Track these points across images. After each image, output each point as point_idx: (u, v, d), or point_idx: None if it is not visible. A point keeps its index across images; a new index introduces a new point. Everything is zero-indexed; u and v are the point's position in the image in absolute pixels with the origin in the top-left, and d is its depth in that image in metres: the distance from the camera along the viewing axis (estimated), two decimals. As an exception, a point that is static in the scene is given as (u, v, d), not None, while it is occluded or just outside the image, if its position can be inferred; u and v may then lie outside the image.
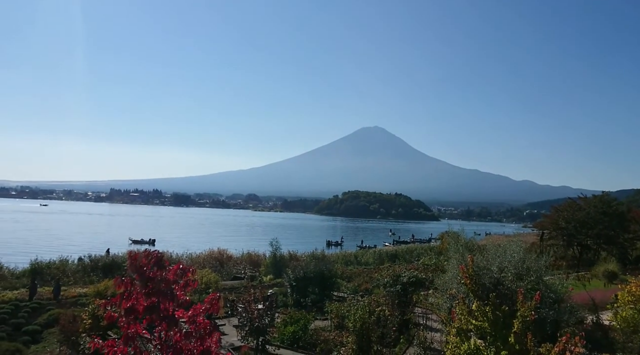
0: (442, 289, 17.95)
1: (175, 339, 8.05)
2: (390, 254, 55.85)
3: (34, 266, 33.13)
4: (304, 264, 29.46)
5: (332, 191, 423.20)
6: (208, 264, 38.74)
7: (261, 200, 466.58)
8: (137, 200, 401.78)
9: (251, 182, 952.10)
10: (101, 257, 38.20)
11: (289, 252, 43.58)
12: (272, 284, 32.99)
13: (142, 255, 8.34)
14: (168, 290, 8.16)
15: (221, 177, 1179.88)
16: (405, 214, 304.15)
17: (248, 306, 18.32)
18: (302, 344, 18.68)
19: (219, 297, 8.83)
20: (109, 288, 25.01)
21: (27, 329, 19.93)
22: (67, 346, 17.67)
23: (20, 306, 22.69)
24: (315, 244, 71.58)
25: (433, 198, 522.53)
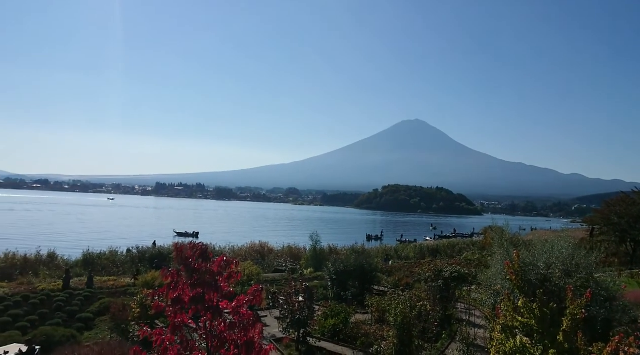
0: (486, 284, 17.55)
1: (219, 329, 8.26)
2: (432, 249, 55.05)
3: (86, 257, 34.67)
4: (344, 258, 29.43)
5: (371, 185, 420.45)
6: (250, 257, 39.38)
7: (301, 194, 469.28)
8: (182, 194, 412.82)
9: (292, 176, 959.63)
10: (148, 248, 39.53)
11: (329, 246, 43.70)
12: (312, 277, 33.19)
13: (187, 247, 8.60)
14: (212, 281, 8.37)
15: (262, 171, 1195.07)
16: (447, 208, 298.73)
17: (289, 298, 18.52)
18: (342, 337, 18.72)
19: (261, 289, 8.98)
20: (155, 279, 25.86)
21: (81, 317, 20.91)
22: (117, 333, 18.43)
23: (74, 294, 23.82)
24: (355, 237, 71.55)
25: (476, 192, 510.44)
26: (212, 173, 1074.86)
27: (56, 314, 21.03)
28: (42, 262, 32.65)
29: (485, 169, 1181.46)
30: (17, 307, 21.08)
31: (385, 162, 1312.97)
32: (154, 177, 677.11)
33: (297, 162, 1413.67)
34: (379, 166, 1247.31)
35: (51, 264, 32.68)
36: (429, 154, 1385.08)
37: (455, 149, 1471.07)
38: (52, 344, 16.52)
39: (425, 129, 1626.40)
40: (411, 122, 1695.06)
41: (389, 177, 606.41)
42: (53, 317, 20.46)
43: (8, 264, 30.81)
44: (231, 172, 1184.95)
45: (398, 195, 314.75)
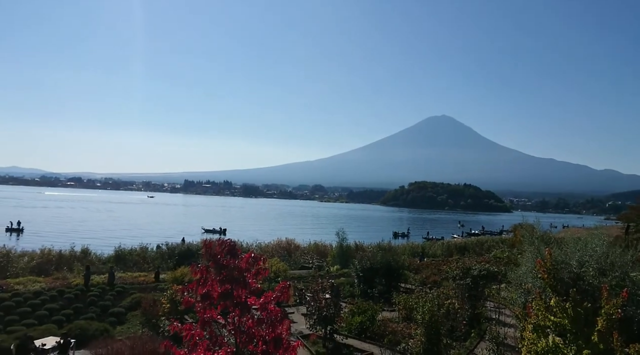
0: (516, 283, 17.19)
1: (247, 325, 8.36)
2: (459, 246, 54.32)
3: (118, 253, 35.52)
4: (371, 255, 29.33)
5: (398, 182, 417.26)
6: (276, 253, 39.65)
7: (327, 191, 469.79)
8: (209, 191, 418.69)
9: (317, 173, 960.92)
10: (177, 245, 40.22)
11: (355, 243, 43.61)
12: (338, 274, 33.20)
13: (216, 243, 8.73)
14: (241, 277, 8.48)
15: (288, 169, 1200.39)
16: (475, 205, 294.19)
17: (316, 295, 18.57)
18: (369, 334, 18.69)
19: (288, 285, 9.04)
20: (185, 274, 26.30)
21: (113, 311, 21.46)
22: (148, 328, 18.82)
23: (107, 290, 24.47)
24: (382, 235, 71.14)
25: (505, 189, 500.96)
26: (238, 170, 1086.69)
27: (90, 308, 21.64)
28: (76, 257, 33.60)
29: (514, 165, 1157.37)
30: (53, 301, 21.79)
31: (412, 158, 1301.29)
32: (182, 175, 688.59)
33: (323, 159, 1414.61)
34: (405, 163, 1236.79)
35: (85, 259, 33.58)
36: (456, 150, 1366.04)
37: (484, 144, 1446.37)
38: (86, 337, 17.01)
39: (452, 124, 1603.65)
40: (438, 118, 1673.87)
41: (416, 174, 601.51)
42: (87, 312, 21.07)
43: (44, 260, 31.83)
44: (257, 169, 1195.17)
45: (425, 192, 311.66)
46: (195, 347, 7.89)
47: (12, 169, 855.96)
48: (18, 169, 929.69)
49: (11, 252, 32.36)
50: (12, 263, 30.34)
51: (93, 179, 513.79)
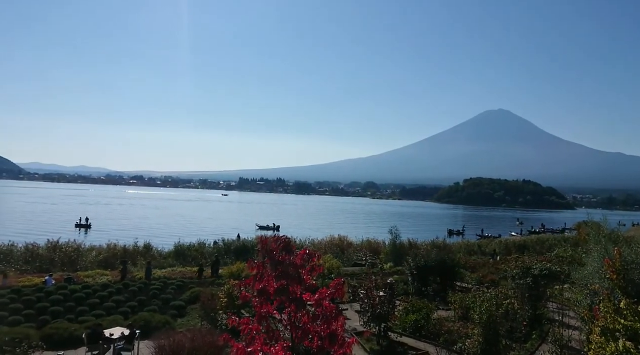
0: (581, 283, 16.38)
1: (303, 321, 8.46)
2: (518, 245, 52.40)
3: (177, 248, 36.93)
4: (425, 253, 28.87)
5: (452, 178, 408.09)
6: (329, 250, 39.80)
7: (379, 188, 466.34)
8: (263, 189, 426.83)
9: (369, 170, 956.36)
10: (233, 241, 41.31)
11: (408, 240, 43.09)
12: (392, 271, 32.91)
13: (271, 240, 8.88)
14: (296, 273, 8.59)
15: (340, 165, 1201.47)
16: (534, 202, 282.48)
17: (369, 292, 18.50)
18: (424, 333, 18.40)
19: (343, 282, 9.07)
20: (241, 270, 26.94)
21: (174, 304, 22.32)
22: (207, 321, 19.45)
23: (168, 283, 25.50)
24: (436, 232, 69.89)
25: (567, 185, 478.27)
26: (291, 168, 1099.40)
27: (152, 301, 22.61)
28: (139, 252, 35.25)
29: (578, 160, 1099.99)
30: (118, 294, 22.97)
31: (467, 154, 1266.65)
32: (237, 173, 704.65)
33: (375, 156, 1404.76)
34: (460, 158, 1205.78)
35: (147, 254, 35.18)
36: (513, 145, 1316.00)
37: (544, 139, 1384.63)
38: (149, 328, 17.81)
39: (509, 118, 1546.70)
40: (494, 111, 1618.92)
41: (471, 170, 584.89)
42: (150, 304, 22.03)
43: (110, 254, 33.63)
44: (310, 166, 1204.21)
45: (481, 188, 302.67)
46: (253, 340, 8.08)
47: (79, 168, 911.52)
48: (85, 168, 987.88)
49: (81, 247, 34.48)
50: (81, 257, 32.30)
51: (153, 177, 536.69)
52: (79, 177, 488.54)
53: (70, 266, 30.41)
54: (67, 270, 28.72)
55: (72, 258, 31.62)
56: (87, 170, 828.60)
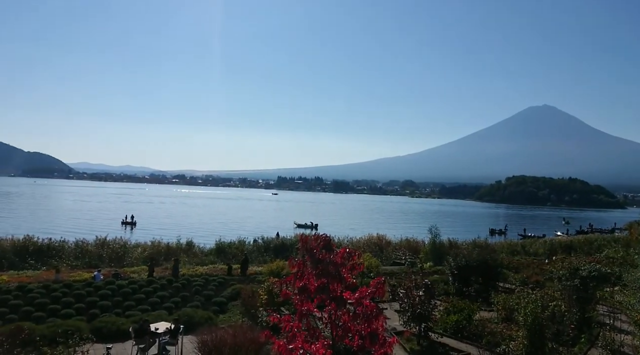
0: (634, 286, 15.66)
1: (343, 319, 8.47)
2: (564, 245, 50.55)
3: (218, 245, 37.69)
4: (466, 252, 28.34)
5: (494, 176, 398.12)
6: (368, 249, 39.63)
7: (418, 187, 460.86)
8: (301, 187, 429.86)
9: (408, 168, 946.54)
10: (272, 239, 41.79)
11: (448, 240, 42.40)
12: (432, 271, 32.46)
13: (311, 238, 8.93)
14: (336, 272, 8.61)
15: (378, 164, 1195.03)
16: (581, 200, 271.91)
17: (409, 292, 18.31)
18: (466, 334, 18.05)
19: (384, 281, 9.02)
20: (280, 268, 27.19)
21: (216, 300, 22.80)
22: (248, 318, 19.77)
23: (209, 280, 26.05)
24: (477, 231, 68.47)
25: (617, 183, 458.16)
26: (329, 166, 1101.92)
27: (195, 297, 23.17)
28: (181, 249, 36.19)
29: (629, 157, 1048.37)
30: (163, 290, 23.63)
31: (509, 151, 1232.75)
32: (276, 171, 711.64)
33: (414, 154, 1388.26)
34: (502, 156, 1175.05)
35: (189, 251, 36.09)
36: (559, 142, 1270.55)
37: (592, 135, 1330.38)
38: (192, 324, 18.27)
39: (555, 114, 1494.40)
40: (538, 108, 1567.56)
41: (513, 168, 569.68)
42: (192, 300, 22.57)
43: (154, 251, 34.67)
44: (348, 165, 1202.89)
45: (524, 187, 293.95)
46: (294, 338, 8.15)
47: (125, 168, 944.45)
48: (130, 167, 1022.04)
49: (127, 244, 35.75)
50: (127, 253, 33.47)
51: (195, 176, 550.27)
52: (124, 176, 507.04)
53: (117, 262, 31.55)
54: (115, 266, 29.81)
55: (119, 254, 32.81)
56: (132, 169, 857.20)
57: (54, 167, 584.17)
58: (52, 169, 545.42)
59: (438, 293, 24.39)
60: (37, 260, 29.63)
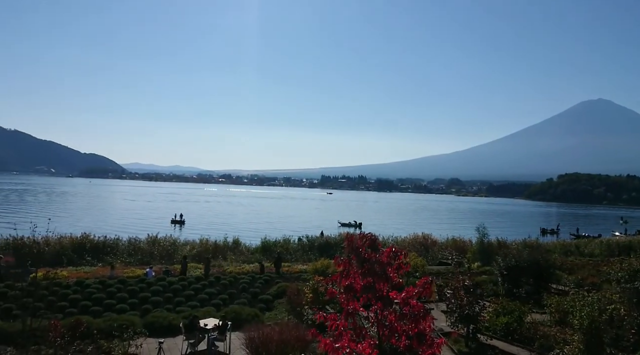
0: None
1: (389, 319, 8.38)
2: (623, 245, 47.96)
3: (264, 244, 38.23)
4: (516, 252, 27.46)
5: (544, 174, 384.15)
6: (413, 248, 39.12)
7: (464, 185, 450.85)
8: (344, 186, 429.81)
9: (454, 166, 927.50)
10: (316, 237, 41.99)
11: (497, 239, 41.23)
12: (480, 271, 31.67)
13: (357, 237, 8.89)
14: (382, 271, 8.53)
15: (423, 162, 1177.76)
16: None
17: (457, 292, 17.94)
18: (517, 336, 17.48)
19: (431, 281, 8.87)
20: (325, 266, 27.27)
21: (262, 298, 23.16)
22: (293, 315, 19.95)
23: (256, 278, 26.49)
24: (527, 231, 66.24)
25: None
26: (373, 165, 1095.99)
27: (242, 294, 23.62)
28: (228, 248, 36.96)
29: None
30: (211, 287, 24.23)
31: (561, 148, 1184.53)
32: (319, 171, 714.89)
33: (460, 152, 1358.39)
34: (553, 153, 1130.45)
35: (236, 249, 36.81)
36: (616, 138, 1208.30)
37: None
38: (240, 320, 18.61)
39: (610, 109, 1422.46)
40: (593, 102, 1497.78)
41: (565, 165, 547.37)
42: (239, 297, 23.01)
43: (202, 249, 35.58)
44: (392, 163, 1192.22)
45: (577, 184, 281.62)
46: (340, 337, 8.13)
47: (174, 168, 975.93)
48: (179, 167, 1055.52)
49: (176, 242, 36.87)
50: (177, 251, 34.52)
51: (240, 175, 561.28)
52: (173, 176, 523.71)
53: (167, 259, 32.60)
54: (165, 263, 30.82)
55: (169, 252, 33.90)
56: (180, 169, 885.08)
57: (108, 167, 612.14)
58: (106, 169, 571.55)
59: (487, 294, 23.77)
60: (94, 257, 31.03)
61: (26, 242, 28.62)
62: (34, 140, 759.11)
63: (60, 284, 22.26)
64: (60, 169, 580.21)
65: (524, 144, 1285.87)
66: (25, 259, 24.78)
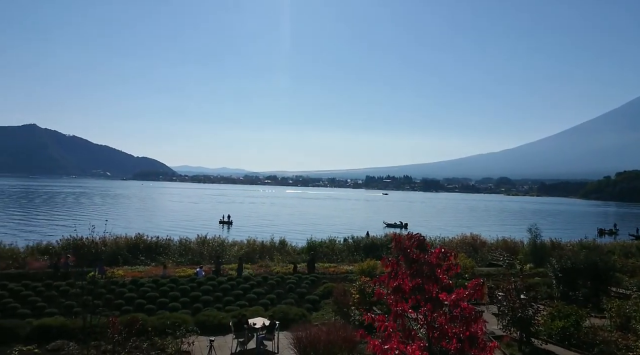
0: None
1: (439, 321, 8.21)
2: (690, 247, 45.06)
3: (310, 244, 38.43)
4: (571, 254, 26.30)
5: (600, 172, 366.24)
6: (461, 249, 38.23)
7: (514, 184, 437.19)
8: (389, 186, 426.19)
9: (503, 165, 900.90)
10: (362, 238, 41.79)
11: (550, 240, 39.66)
12: (532, 273, 30.58)
13: (405, 237, 8.77)
14: (431, 272, 8.37)
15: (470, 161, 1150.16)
16: None
17: (509, 295, 17.38)
18: (574, 342, 16.72)
19: (482, 283, 8.64)
20: (372, 267, 27.08)
21: (309, 298, 23.27)
22: (340, 316, 19.93)
23: (302, 278, 26.66)
24: (583, 231, 63.50)
25: None
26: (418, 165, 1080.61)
27: (289, 294, 23.83)
28: (275, 248, 37.40)
29: None
30: (259, 286, 24.59)
31: (617, 145, 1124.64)
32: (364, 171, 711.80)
33: (509, 150, 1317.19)
34: (609, 150, 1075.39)
35: (282, 250, 37.19)
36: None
37: None
38: (287, 320, 18.77)
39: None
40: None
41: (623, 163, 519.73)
42: (286, 297, 23.22)
43: (250, 249, 36.18)
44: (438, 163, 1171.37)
45: (638, 182, 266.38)
46: (389, 338, 8.05)
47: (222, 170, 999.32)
48: (226, 169, 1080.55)
49: (225, 242, 37.66)
50: (225, 251, 35.24)
51: (286, 177, 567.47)
52: (221, 178, 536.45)
53: (216, 259, 33.36)
54: (214, 263, 31.55)
55: (217, 252, 34.67)
56: (227, 171, 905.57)
57: (159, 170, 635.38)
58: (157, 172, 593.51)
59: (540, 297, 22.90)
60: (147, 257, 32.18)
61: (85, 242, 30.07)
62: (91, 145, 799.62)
63: (116, 282, 23.24)
64: (115, 172, 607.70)
65: (578, 141, 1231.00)
66: (84, 258, 26.04)
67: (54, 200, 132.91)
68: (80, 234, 30.00)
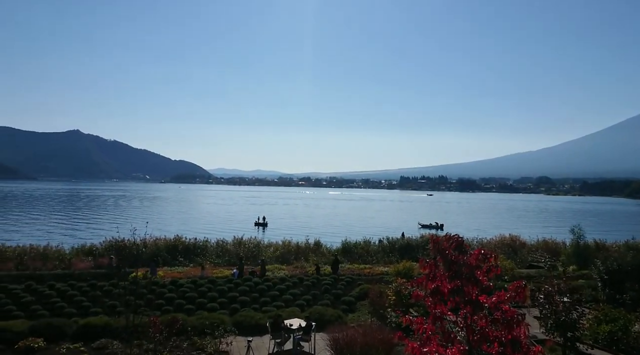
0: None
1: (480, 324, 8.03)
2: None
3: (344, 245, 38.40)
4: (618, 255, 25.26)
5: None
6: (500, 250, 37.37)
7: (555, 183, 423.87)
8: (424, 187, 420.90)
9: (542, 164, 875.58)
10: (397, 239, 41.42)
11: (594, 241, 38.23)
12: (576, 275, 29.52)
13: (443, 239, 8.62)
14: (470, 274, 8.20)
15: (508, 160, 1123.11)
16: None
17: (551, 297, 16.83)
18: (622, 347, 16.05)
19: (524, 285, 8.39)
20: (407, 268, 26.76)
21: (345, 300, 23.24)
22: (376, 317, 19.80)
23: (339, 279, 26.63)
24: (630, 232, 60.91)
25: None
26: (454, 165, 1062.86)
27: (325, 295, 23.86)
28: (310, 249, 37.53)
29: None
30: (294, 287, 24.74)
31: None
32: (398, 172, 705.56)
33: (548, 148, 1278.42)
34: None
35: (317, 251, 37.28)
36: None
37: None
38: (323, 321, 18.80)
39: None
40: None
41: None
42: (322, 298, 23.25)
43: (285, 250, 36.43)
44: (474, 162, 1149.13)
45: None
46: (429, 341, 7.93)
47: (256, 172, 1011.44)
48: (261, 171, 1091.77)
49: (260, 243, 38.08)
50: (261, 252, 35.62)
51: (320, 178, 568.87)
52: (256, 180, 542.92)
53: (252, 260, 33.75)
54: (251, 265, 31.93)
55: (254, 253, 35.08)
56: (262, 173, 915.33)
57: (195, 173, 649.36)
58: (194, 175, 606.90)
59: (585, 300, 22.10)
60: (185, 258, 32.89)
61: (127, 243, 30.99)
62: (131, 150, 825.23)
63: (157, 283, 23.84)
64: (154, 176, 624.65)
65: (621, 139, 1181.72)
66: (126, 259, 26.81)
67: (105, 203, 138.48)
68: (122, 235, 30.94)
